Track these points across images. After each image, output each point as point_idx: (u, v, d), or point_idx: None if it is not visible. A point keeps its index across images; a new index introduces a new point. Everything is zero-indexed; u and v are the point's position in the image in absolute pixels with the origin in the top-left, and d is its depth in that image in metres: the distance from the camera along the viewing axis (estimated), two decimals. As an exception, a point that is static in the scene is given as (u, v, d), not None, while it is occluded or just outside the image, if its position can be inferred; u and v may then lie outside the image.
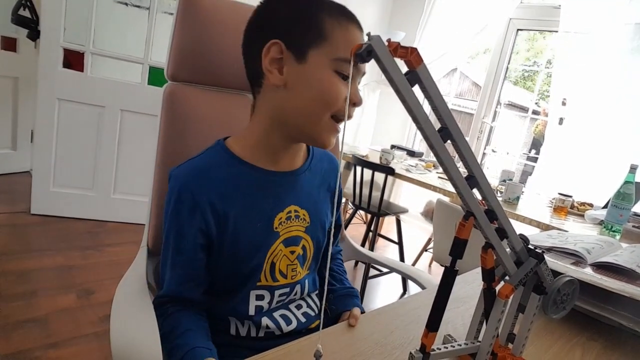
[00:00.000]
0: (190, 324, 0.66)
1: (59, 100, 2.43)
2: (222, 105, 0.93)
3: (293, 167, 0.74)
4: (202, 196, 0.66)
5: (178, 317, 0.67)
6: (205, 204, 0.66)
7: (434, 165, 2.88)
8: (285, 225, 0.72)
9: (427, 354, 0.48)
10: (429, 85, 0.39)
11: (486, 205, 0.49)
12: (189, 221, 0.66)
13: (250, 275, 0.70)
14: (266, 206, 0.70)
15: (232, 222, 0.67)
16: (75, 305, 1.77)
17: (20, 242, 2.21)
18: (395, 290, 2.63)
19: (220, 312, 0.72)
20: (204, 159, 0.71)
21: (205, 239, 0.67)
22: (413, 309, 0.68)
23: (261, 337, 0.72)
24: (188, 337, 0.63)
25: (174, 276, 0.68)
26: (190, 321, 0.67)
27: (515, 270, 0.53)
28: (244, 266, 0.70)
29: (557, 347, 0.64)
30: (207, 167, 0.69)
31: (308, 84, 0.63)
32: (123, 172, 2.66)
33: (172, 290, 0.68)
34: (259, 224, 0.69)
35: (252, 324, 0.72)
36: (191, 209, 0.66)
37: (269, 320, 0.72)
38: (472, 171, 0.45)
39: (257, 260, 0.70)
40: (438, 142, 0.41)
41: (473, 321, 0.55)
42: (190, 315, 0.68)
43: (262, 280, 0.71)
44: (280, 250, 0.72)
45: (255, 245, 0.69)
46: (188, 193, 0.66)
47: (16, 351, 1.45)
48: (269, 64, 0.64)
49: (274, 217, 0.71)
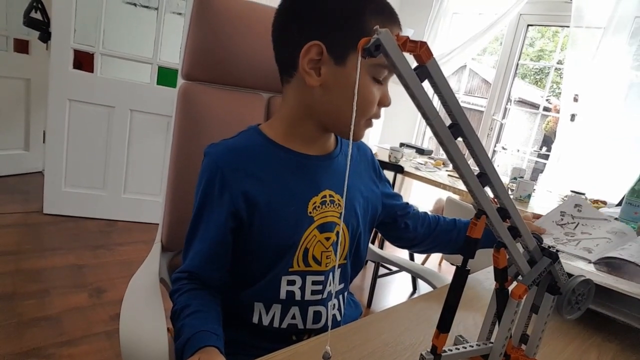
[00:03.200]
0: (201, 306, 0.64)
1: (70, 101, 2.46)
2: (236, 104, 0.93)
3: (326, 151, 0.73)
4: (234, 178, 0.66)
5: (192, 296, 0.65)
6: (237, 186, 0.65)
7: (443, 163, 2.85)
8: (320, 210, 0.70)
9: (438, 355, 0.47)
10: (439, 80, 0.38)
11: (498, 203, 0.48)
12: (218, 201, 0.66)
13: (282, 260, 0.68)
14: (300, 190, 0.69)
15: (264, 205, 0.66)
16: (87, 304, 1.79)
17: (34, 241, 2.24)
18: (405, 289, 2.62)
19: (247, 297, 0.70)
20: (238, 140, 0.71)
21: (234, 221, 0.66)
22: (423, 308, 0.67)
23: (283, 328, 0.70)
24: (197, 319, 0.61)
25: (197, 253, 0.68)
26: (202, 302, 0.65)
27: (528, 269, 0.52)
28: (275, 251, 0.68)
29: (571, 349, 0.62)
30: (241, 148, 0.69)
31: (345, 87, 0.62)
32: (133, 171, 2.68)
33: (193, 266, 0.67)
34: (292, 207, 0.68)
35: (278, 311, 0.70)
36: (221, 190, 0.66)
37: (298, 312, 0.70)
38: (484, 168, 0.44)
39: (289, 245, 0.68)
40: (449, 139, 0.40)
41: (485, 322, 0.54)
42: (204, 296, 0.66)
43: (294, 265, 0.69)
44: (315, 236, 0.69)
45: (288, 230, 0.68)
46: (219, 173, 0.66)
47: (30, 349, 1.46)
48: (306, 64, 0.62)
49: (308, 201, 0.69)
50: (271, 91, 0.98)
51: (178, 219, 0.90)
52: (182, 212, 0.87)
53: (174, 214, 0.90)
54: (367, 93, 0.62)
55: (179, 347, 0.58)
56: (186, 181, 0.89)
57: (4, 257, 2.00)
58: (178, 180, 0.89)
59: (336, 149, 0.75)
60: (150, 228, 2.61)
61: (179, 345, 0.58)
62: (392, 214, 0.87)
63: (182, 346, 0.57)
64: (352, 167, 0.77)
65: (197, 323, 0.60)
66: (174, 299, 0.66)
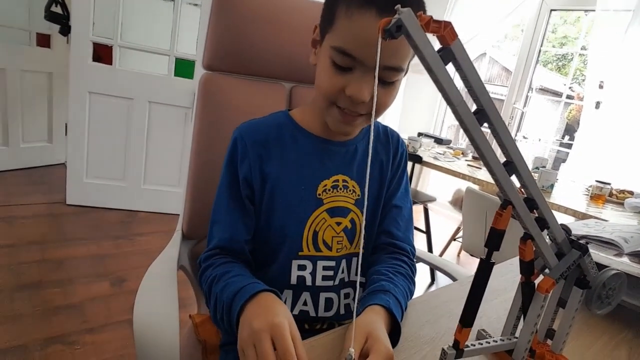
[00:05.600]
0: (244, 271, 0.63)
1: (90, 94, 2.49)
2: (258, 94, 0.93)
3: (346, 138, 0.73)
4: (254, 150, 0.68)
5: (230, 266, 0.63)
6: (255, 156, 0.68)
7: (462, 152, 2.80)
8: (330, 194, 0.70)
9: (460, 350, 0.45)
10: (464, 63, 0.36)
11: (525, 193, 0.46)
12: (240, 169, 0.68)
13: (291, 241, 0.69)
14: (312, 171, 0.70)
15: (275, 179, 0.68)
16: (109, 293, 1.82)
17: (57, 232, 2.30)
18: (423, 280, 2.59)
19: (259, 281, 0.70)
20: (264, 119, 0.74)
21: (249, 190, 0.69)
22: (444, 302, 0.65)
23: (295, 315, 0.68)
24: (244, 277, 0.59)
25: (226, 226, 0.68)
26: (241, 269, 0.63)
27: (556, 262, 0.49)
28: (283, 230, 0.68)
29: (600, 344, 0.60)
30: (264, 125, 0.72)
31: (317, 69, 0.65)
32: (152, 163, 2.71)
33: (223, 240, 0.67)
34: (302, 187, 0.69)
35: (290, 297, 0.70)
36: (242, 158, 0.68)
37: (310, 298, 0.70)
38: (511, 156, 0.42)
39: (297, 224, 0.69)
40: (473, 125, 0.38)
41: (510, 316, 0.52)
42: (241, 267, 0.65)
43: (304, 249, 0.69)
44: (324, 219, 0.69)
45: (295, 208, 0.69)
46: (242, 143, 0.69)
47: (55, 335, 1.51)
48: (311, 43, 0.67)
49: (317, 184, 0.69)
50: (293, 81, 0.97)
51: (199, 207, 0.90)
52: (203, 201, 0.88)
53: (196, 202, 0.90)
54: (323, 76, 0.62)
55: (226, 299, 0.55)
56: (208, 169, 0.89)
57: (30, 247, 2.06)
58: (199, 169, 0.90)
59: (358, 136, 0.74)
60: (170, 219, 2.65)
61: (226, 299, 0.55)
62: None
63: (233, 296, 0.54)
64: (374, 156, 0.76)
65: (246, 279, 0.58)
66: (206, 275, 0.64)
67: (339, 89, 0.60)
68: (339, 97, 0.61)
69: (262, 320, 0.48)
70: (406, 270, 0.69)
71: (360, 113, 0.62)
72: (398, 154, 0.78)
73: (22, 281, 1.78)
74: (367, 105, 0.60)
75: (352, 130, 0.68)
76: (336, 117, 0.64)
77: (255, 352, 0.45)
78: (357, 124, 0.66)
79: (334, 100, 0.62)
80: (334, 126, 0.66)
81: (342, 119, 0.63)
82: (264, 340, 0.45)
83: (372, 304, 0.56)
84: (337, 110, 0.63)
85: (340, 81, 0.60)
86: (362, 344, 0.48)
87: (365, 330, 0.49)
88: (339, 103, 0.62)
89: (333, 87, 0.61)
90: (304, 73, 0.95)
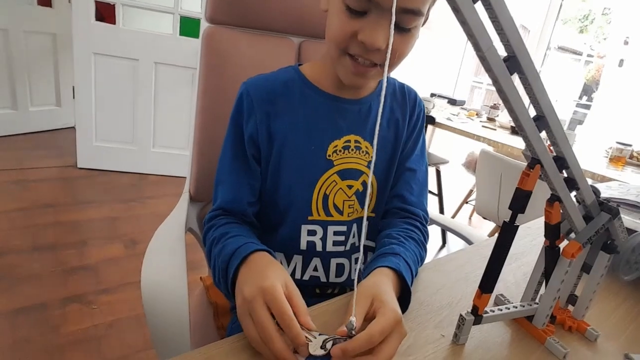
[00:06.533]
0: (243, 232, 0.61)
1: (95, 55, 2.44)
2: (264, 49, 0.88)
3: (359, 96, 0.68)
4: (261, 107, 0.64)
5: (230, 227, 0.62)
6: (262, 113, 0.64)
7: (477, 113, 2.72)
8: (341, 155, 0.66)
9: (479, 316, 0.43)
10: (495, 2, 0.32)
11: (555, 151, 0.42)
12: (246, 127, 0.65)
13: (300, 205, 0.66)
14: (322, 131, 0.66)
15: (283, 139, 0.65)
16: (122, 255, 1.85)
17: (70, 195, 2.32)
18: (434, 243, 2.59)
19: (267, 246, 0.68)
20: (273, 74, 0.69)
21: (255, 149, 0.66)
22: (460, 265, 0.63)
23: (305, 280, 0.68)
24: (239, 238, 0.57)
25: (229, 186, 0.66)
26: (242, 230, 0.61)
27: (583, 226, 0.46)
28: (291, 192, 0.66)
29: (622, 311, 0.57)
30: (272, 80, 0.67)
31: (328, 15, 0.59)
32: (160, 126, 2.68)
33: (226, 201, 0.65)
34: (312, 147, 0.65)
35: (300, 262, 0.68)
36: (248, 117, 0.65)
37: (320, 264, 0.68)
38: (542, 110, 0.38)
39: (305, 187, 0.65)
40: (503, 74, 0.34)
41: (531, 281, 0.50)
42: (243, 228, 0.63)
43: (314, 214, 0.66)
44: (334, 182, 0.66)
45: (304, 170, 0.65)
46: (249, 99, 0.65)
47: (72, 295, 1.55)
48: None
49: (328, 144, 0.65)
50: (303, 35, 0.91)
51: (206, 169, 0.88)
52: (210, 162, 0.85)
53: (202, 164, 0.88)
54: (335, 22, 0.57)
55: (221, 264, 0.54)
56: (213, 129, 0.86)
57: (44, 210, 2.09)
58: (205, 129, 0.87)
59: (372, 94, 0.69)
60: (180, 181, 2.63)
61: (222, 263, 0.54)
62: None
63: (228, 259, 0.53)
64: (387, 115, 0.71)
65: (240, 240, 0.56)
66: (208, 236, 0.63)
67: (351, 35, 0.55)
68: (351, 43, 0.56)
69: (252, 286, 0.45)
70: (418, 236, 0.66)
71: (374, 63, 0.57)
72: (415, 113, 0.73)
73: (38, 243, 1.82)
74: (381, 54, 0.55)
75: (365, 82, 0.63)
76: (348, 67, 0.58)
77: (251, 321, 0.43)
78: (371, 76, 0.60)
79: (345, 48, 0.57)
80: (345, 78, 0.61)
81: (355, 69, 0.58)
82: (258, 308, 0.43)
83: (381, 266, 0.54)
84: (349, 60, 0.58)
85: (353, 26, 0.54)
86: (367, 307, 0.46)
87: (371, 293, 0.47)
88: (351, 51, 0.57)
89: (345, 32, 0.55)
90: (314, 27, 0.89)
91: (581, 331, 0.50)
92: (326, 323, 0.47)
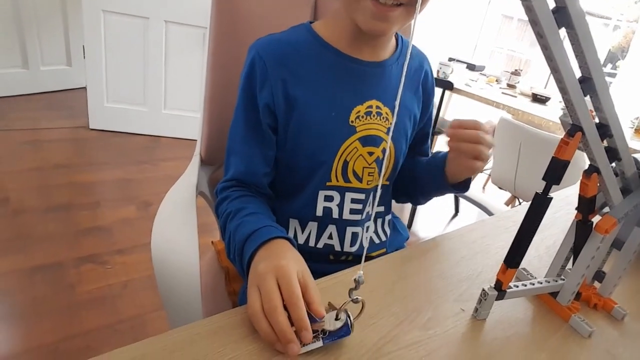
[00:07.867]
0: (259, 209, 0.59)
1: (104, 12, 2.37)
2: (278, 4, 0.83)
3: (379, 59, 0.64)
4: (276, 72, 0.60)
5: (245, 201, 0.60)
6: (277, 80, 0.60)
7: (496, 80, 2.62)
8: (363, 121, 0.63)
9: (502, 292, 0.41)
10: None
11: (598, 118, 0.38)
12: (259, 96, 0.61)
13: (319, 172, 0.64)
14: (344, 95, 0.62)
15: (303, 105, 0.61)
16: (135, 216, 1.87)
17: (82, 156, 2.33)
18: (446, 211, 2.57)
19: (282, 213, 0.67)
20: (286, 35, 0.64)
21: (271, 118, 0.62)
22: (480, 237, 0.61)
23: (319, 248, 0.67)
24: (259, 218, 0.56)
25: (243, 157, 0.63)
26: (259, 207, 0.60)
27: (620, 200, 0.43)
28: (312, 160, 0.63)
29: (651, 287, 0.55)
30: (287, 42, 0.63)
31: None
32: (172, 87, 2.64)
33: (239, 172, 0.63)
34: (333, 113, 0.62)
35: (314, 229, 0.67)
36: (262, 84, 0.60)
37: (335, 231, 0.67)
38: (590, 72, 0.34)
39: (327, 154, 0.63)
40: (551, 28, 0.30)
41: (558, 256, 0.47)
42: (259, 202, 0.61)
43: (332, 180, 0.64)
44: (356, 149, 0.63)
45: (326, 136, 0.62)
46: (262, 64, 0.60)
47: (88, 255, 1.57)
48: None
49: (351, 109, 0.62)
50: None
51: (217, 131, 0.85)
52: (221, 125, 0.82)
53: (213, 127, 0.85)
54: None
55: (238, 243, 0.52)
56: (224, 90, 0.82)
57: (58, 170, 2.10)
58: (216, 90, 0.83)
59: (392, 57, 0.65)
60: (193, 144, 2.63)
61: (238, 242, 0.52)
62: None
63: (245, 238, 0.51)
64: (407, 80, 0.67)
65: (260, 220, 0.54)
66: (222, 208, 0.61)
67: None
68: None
69: (268, 262, 0.44)
70: None
71: (399, 1, 0.52)
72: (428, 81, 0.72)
73: (52, 203, 1.84)
74: None
75: (388, 27, 0.56)
76: (368, 10, 0.53)
77: (258, 294, 0.41)
78: (394, 19, 0.54)
79: None
80: (365, 23, 0.55)
81: (376, 11, 0.52)
82: (268, 280, 0.41)
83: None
84: (369, 1, 0.52)
85: None
86: None
87: None
88: None
89: None
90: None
91: (607, 309, 0.48)
92: (339, 294, 0.45)
